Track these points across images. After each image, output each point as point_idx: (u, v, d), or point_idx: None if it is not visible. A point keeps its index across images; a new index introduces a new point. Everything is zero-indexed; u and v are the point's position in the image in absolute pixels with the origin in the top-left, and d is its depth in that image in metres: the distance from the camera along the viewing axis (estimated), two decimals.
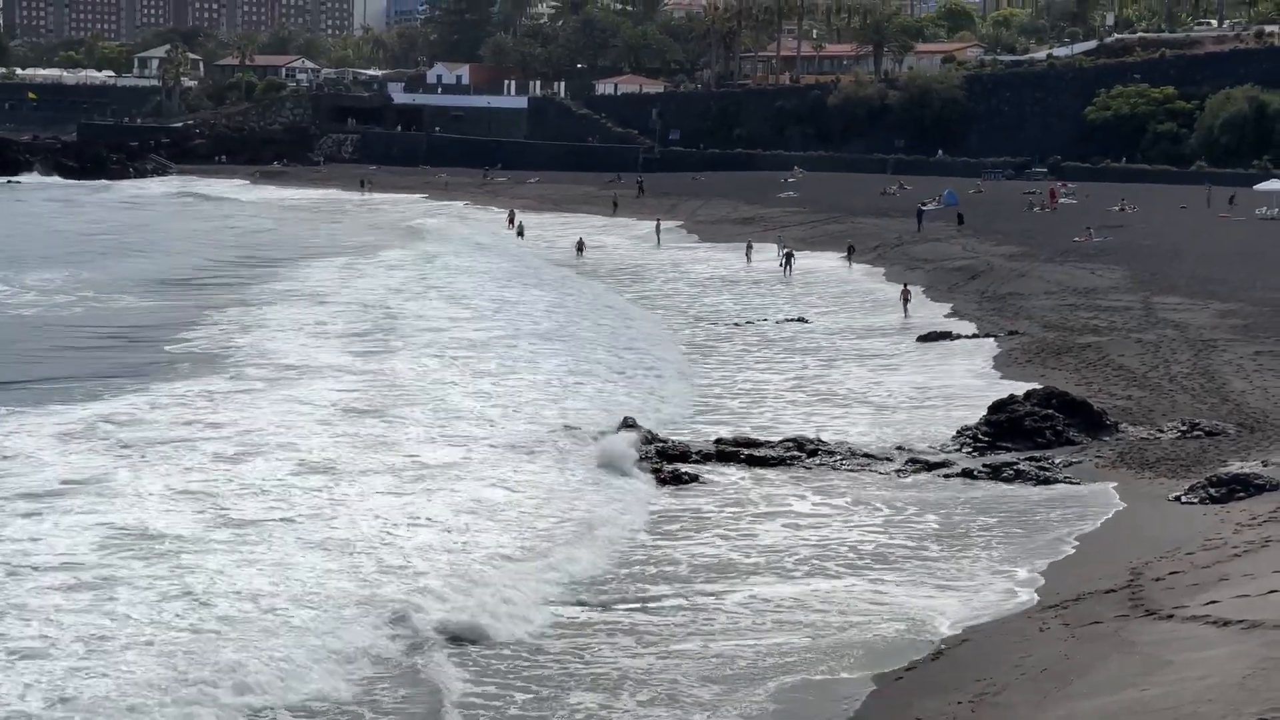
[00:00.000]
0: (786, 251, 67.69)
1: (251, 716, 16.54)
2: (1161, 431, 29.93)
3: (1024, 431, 29.98)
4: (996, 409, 31.04)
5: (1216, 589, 18.45)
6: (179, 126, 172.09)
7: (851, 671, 17.94)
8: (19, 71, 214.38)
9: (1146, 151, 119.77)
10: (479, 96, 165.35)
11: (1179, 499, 24.95)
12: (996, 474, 27.66)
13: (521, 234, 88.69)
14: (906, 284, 53.91)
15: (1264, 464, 25.86)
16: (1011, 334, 43.86)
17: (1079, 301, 50.10)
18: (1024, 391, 32.24)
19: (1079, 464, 28.13)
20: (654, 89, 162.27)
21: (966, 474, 27.84)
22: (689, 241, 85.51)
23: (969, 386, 36.71)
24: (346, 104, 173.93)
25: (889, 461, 28.86)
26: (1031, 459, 28.45)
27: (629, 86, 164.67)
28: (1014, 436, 29.88)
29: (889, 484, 27.48)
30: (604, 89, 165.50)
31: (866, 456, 29.18)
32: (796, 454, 29.14)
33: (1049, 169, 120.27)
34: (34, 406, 32.55)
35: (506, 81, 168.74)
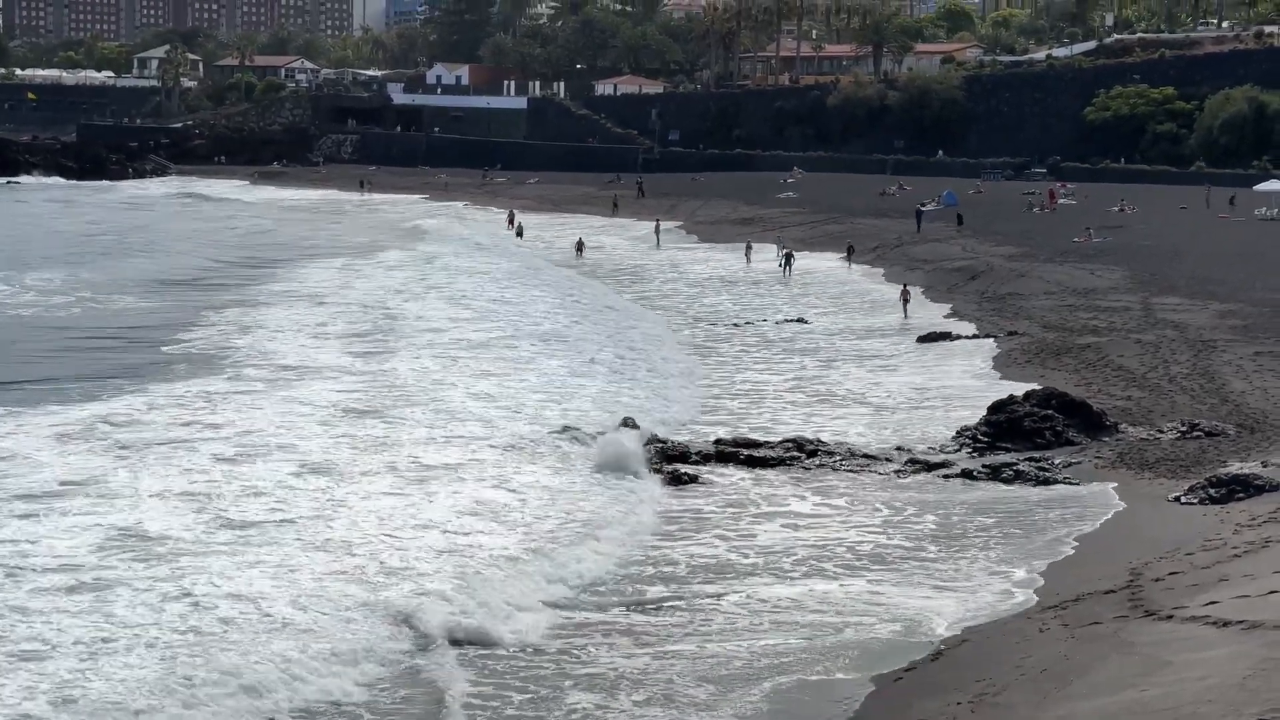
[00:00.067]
0: (786, 252, 67.69)
1: (256, 719, 16.52)
2: (1161, 432, 29.92)
3: (1023, 432, 29.97)
4: (996, 409, 31.02)
5: (1216, 589, 18.43)
6: (178, 127, 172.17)
7: (850, 672, 17.93)
8: (18, 72, 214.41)
9: (1146, 152, 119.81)
10: (478, 97, 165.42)
11: (1179, 499, 24.93)
12: (996, 474, 27.64)
13: (521, 234, 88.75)
14: (906, 284, 53.89)
15: (1264, 464, 25.85)
16: (1011, 334, 43.85)
17: (1078, 302, 50.09)
18: (1023, 392, 32.22)
19: (1078, 464, 28.11)
20: (653, 89, 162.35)
21: (966, 474, 27.81)
22: (688, 242, 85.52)
23: (968, 387, 36.70)
24: (346, 104, 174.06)
25: (888, 462, 28.84)
26: (1031, 459, 28.43)
27: (628, 87, 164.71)
28: (1013, 437, 29.86)
29: (888, 484, 27.46)
30: (603, 89, 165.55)
31: (866, 457, 29.16)
32: (796, 454, 29.12)
33: (1048, 169, 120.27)
34: (32, 407, 32.52)
35: (506, 82, 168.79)
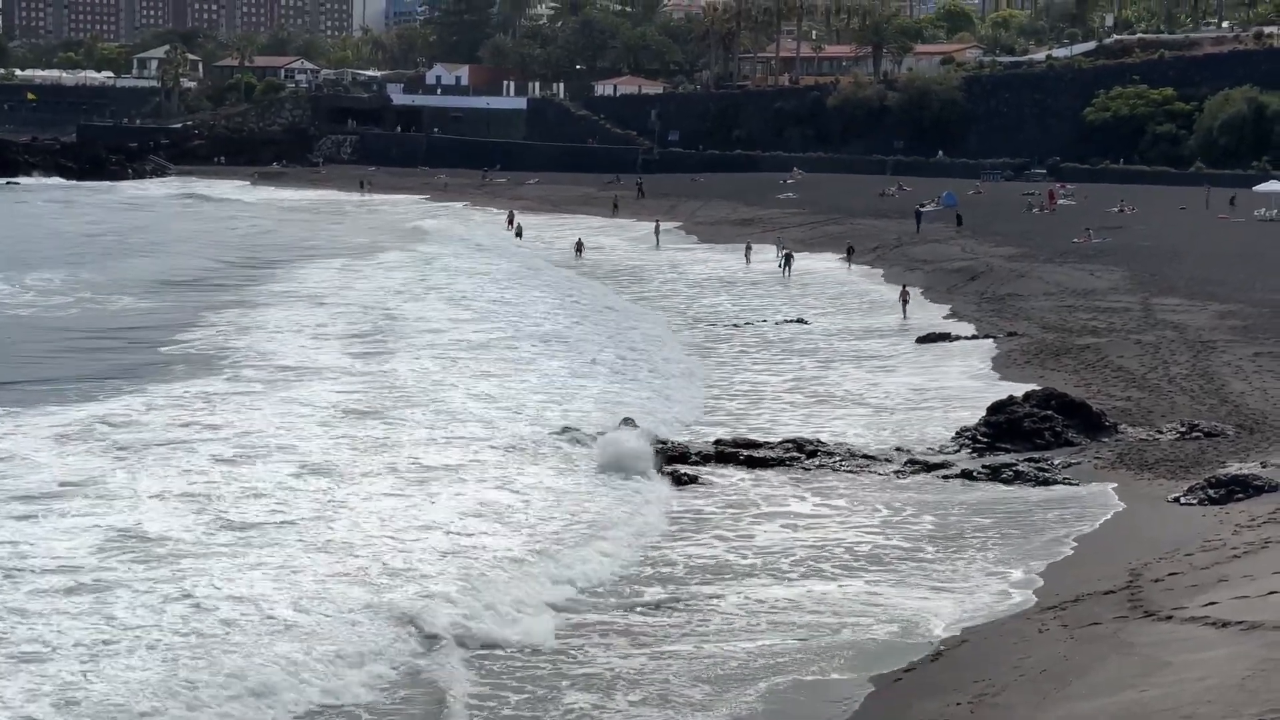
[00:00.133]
0: (785, 253, 67.71)
1: None
2: (1160, 433, 29.92)
3: (1023, 433, 29.97)
4: (995, 410, 31.02)
5: (1215, 590, 18.43)
6: (178, 127, 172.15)
7: (849, 673, 17.91)
8: (18, 73, 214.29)
9: (1145, 153, 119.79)
10: (478, 98, 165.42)
11: (1178, 500, 24.93)
12: (995, 475, 27.64)
13: (520, 235, 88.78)
14: (905, 285, 53.89)
15: (1263, 465, 25.86)
16: (1010, 335, 43.84)
17: (1078, 303, 50.08)
18: (1023, 393, 32.21)
19: (1078, 465, 28.11)
20: (653, 90, 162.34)
21: (965, 475, 27.81)
22: (688, 243, 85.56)
23: (968, 388, 36.70)
24: (346, 105, 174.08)
25: (888, 463, 28.82)
26: (1030, 460, 28.43)
27: (628, 88, 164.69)
28: (1013, 438, 29.86)
29: (888, 485, 27.44)
30: (603, 90, 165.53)
31: (865, 458, 29.15)
32: (796, 455, 29.11)
33: (1048, 170, 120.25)
34: (30, 407, 32.49)
35: (505, 82, 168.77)
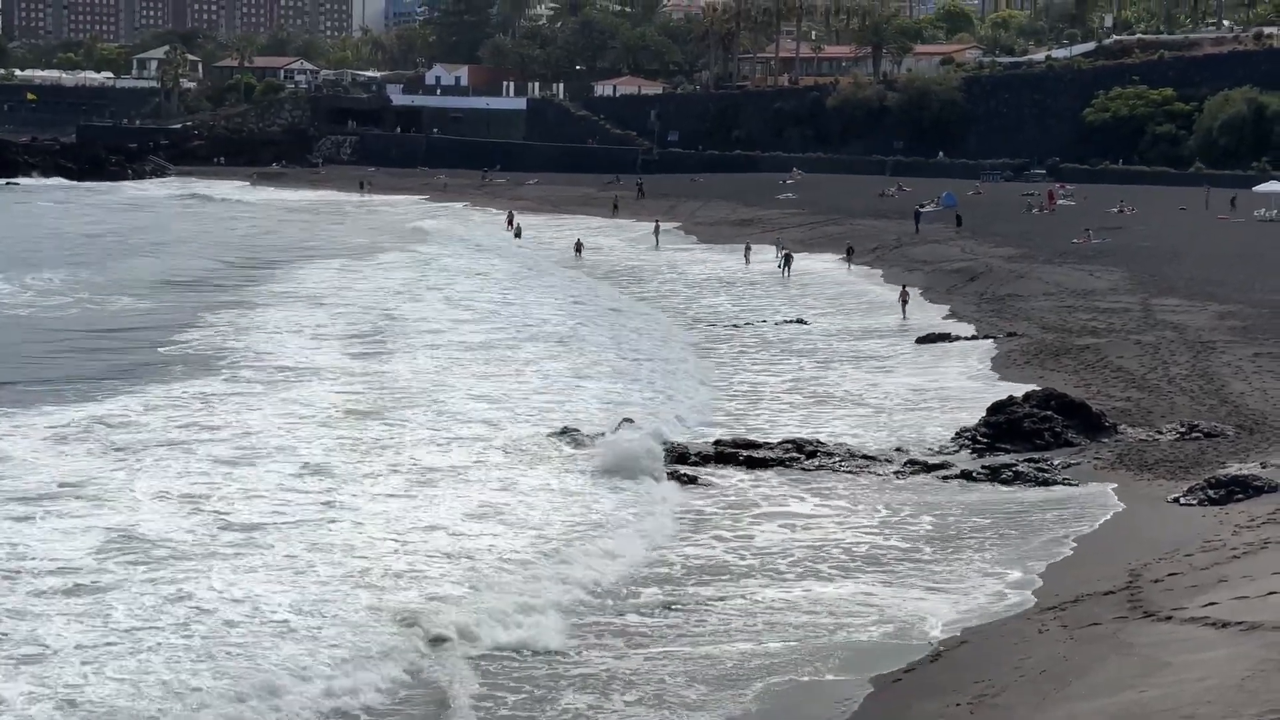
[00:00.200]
0: (785, 253, 67.72)
1: None
2: (1160, 433, 29.90)
3: (1023, 433, 29.95)
4: (995, 410, 31.01)
5: (1215, 590, 18.42)
6: (178, 128, 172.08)
7: (848, 674, 17.89)
8: (18, 73, 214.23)
9: (1145, 153, 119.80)
10: (478, 98, 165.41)
11: (1178, 501, 24.91)
12: (995, 475, 27.62)
13: (519, 235, 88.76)
14: (905, 286, 53.88)
15: (1262, 465, 25.84)
16: (1010, 335, 43.83)
17: (1078, 303, 50.06)
18: (1023, 393, 32.20)
19: (1077, 465, 28.10)
20: (652, 90, 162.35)
21: (965, 476, 27.79)
22: (688, 243, 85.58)
23: (967, 388, 36.68)
24: (345, 105, 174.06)
25: (888, 463, 28.80)
26: (1030, 460, 28.42)
27: (628, 88, 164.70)
28: (1013, 438, 29.84)
29: (887, 486, 27.42)
30: (602, 90, 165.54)
31: (865, 458, 29.13)
32: (795, 455, 29.09)
33: (1048, 171, 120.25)
34: (27, 408, 32.43)
35: (505, 83, 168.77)
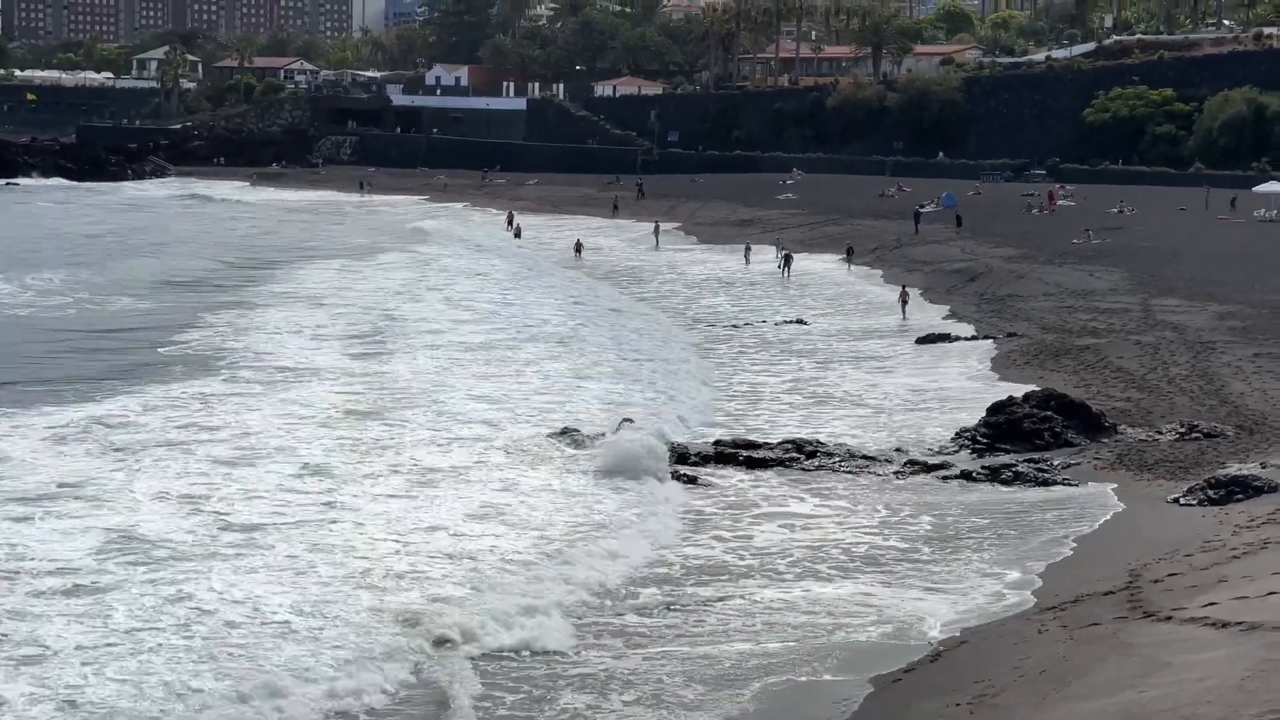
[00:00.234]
0: (785, 253, 67.70)
1: None
2: (1160, 433, 29.89)
3: (1023, 433, 29.94)
4: (995, 411, 31.00)
5: (1215, 591, 18.41)
6: (177, 128, 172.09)
7: (847, 674, 17.87)
8: (18, 73, 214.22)
9: (1145, 154, 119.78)
10: (478, 98, 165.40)
11: (1177, 501, 24.90)
12: (995, 476, 27.61)
13: (519, 236, 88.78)
14: (905, 286, 53.88)
15: (1262, 466, 25.84)
16: (1010, 336, 43.82)
17: (1078, 303, 50.06)
18: (1023, 393, 32.19)
19: (1077, 466, 28.09)
20: (652, 91, 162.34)
21: (965, 476, 27.78)
22: (687, 243, 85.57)
23: (967, 388, 36.67)
24: (345, 106, 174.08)
25: (887, 463, 28.78)
26: (1030, 461, 28.40)
27: (628, 88, 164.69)
28: (1012, 438, 29.83)
29: (887, 486, 27.41)
30: (602, 91, 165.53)
31: (865, 458, 29.11)
32: (795, 456, 29.08)
33: (1047, 171, 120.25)
34: (26, 408, 32.41)
35: (505, 83, 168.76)
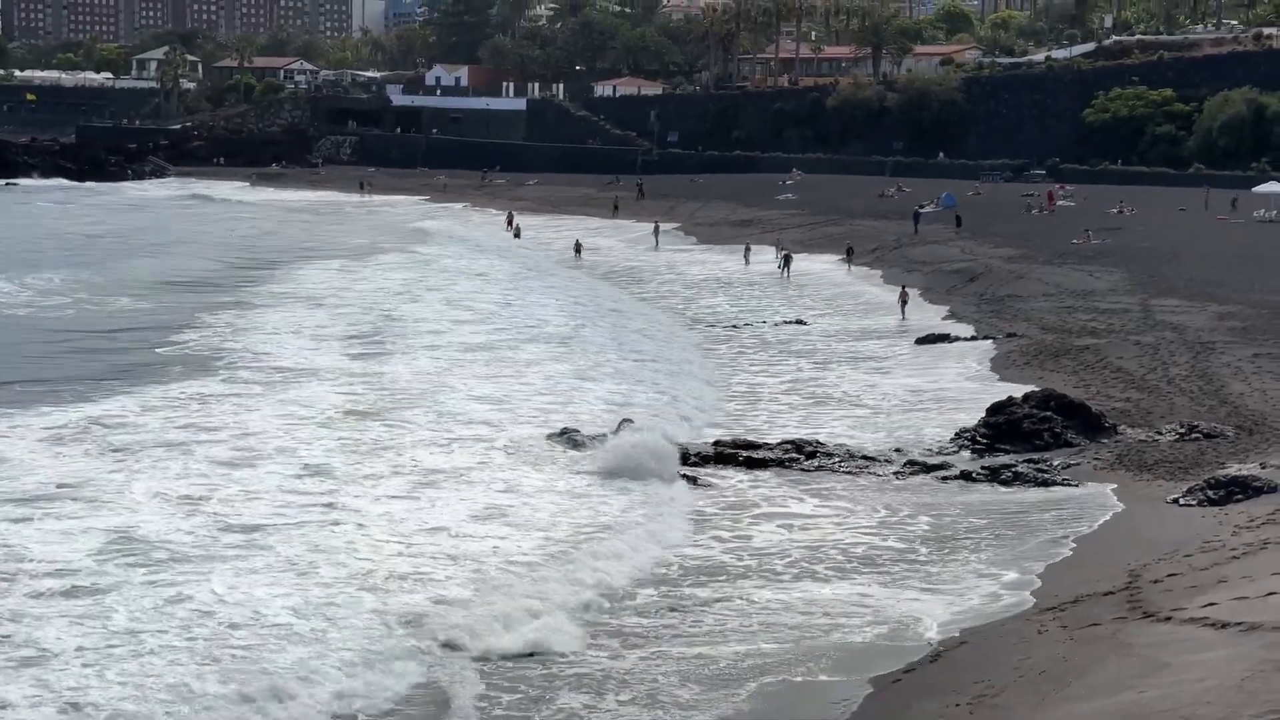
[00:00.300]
0: (785, 253, 67.70)
1: None
2: (1160, 434, 29.88)
3: (1022, 434, 29.93)
4: (995, 411, 30.99)
5: (1215, 591, 18.39)
6: (177, 128, 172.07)
7: (842, 675, 17.85)
8: (17, 73, 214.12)
9: (1145, 154, 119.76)
10: (477, 98, 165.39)
11: (1177, 501, 24.89)
12: (994, 476, 27.61)
13: (519, 236, 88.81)
14: (904, 286, 53.87)
15: (1262, 466, 25.83)
16: (1010, 336, 43.81)
17: (1077, 304, 50.05)
18: (1022, 394, 32.19)
19: (1077, 466, 28.08)
20: (652, 91, 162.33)
21: (964, 476, 27.77)
22: (687, 243, 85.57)
23: (967, 389, 36.66)
24: (345, 106, 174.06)
25: (887, 464, 28.78)
26: (1030, 461, 28.40)
27: (627, 88, 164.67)
28: (1012, 438, 29.83)
29: (886, 486, 27.40)
30: (602, 91, 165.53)
31: (864, 459, 29.11)
32: (794, 456, 29.07)
33: (1047, 171, 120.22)
34: (24, 408, 32.35)
35: (505, 83, 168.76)
